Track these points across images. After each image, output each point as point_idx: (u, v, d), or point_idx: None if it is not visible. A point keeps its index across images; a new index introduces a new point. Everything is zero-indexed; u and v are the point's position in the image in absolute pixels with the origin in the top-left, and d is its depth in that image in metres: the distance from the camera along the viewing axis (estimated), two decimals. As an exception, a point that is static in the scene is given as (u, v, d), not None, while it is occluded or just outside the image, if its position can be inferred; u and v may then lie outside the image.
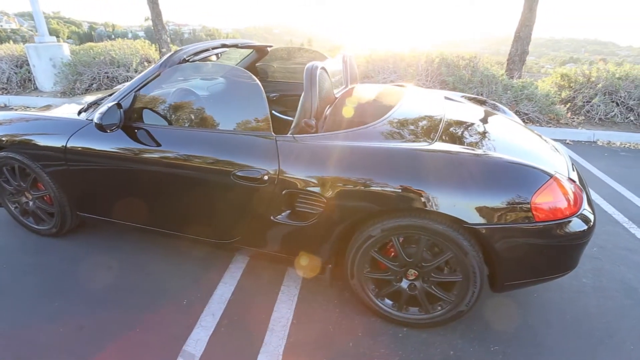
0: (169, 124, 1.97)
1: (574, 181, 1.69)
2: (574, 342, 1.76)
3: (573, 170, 1.86)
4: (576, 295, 2.06)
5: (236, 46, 2.65)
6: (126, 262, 2.24)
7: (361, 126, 1.77)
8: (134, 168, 1.94)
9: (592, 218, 1.62)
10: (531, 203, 1.47)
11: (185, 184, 1.88)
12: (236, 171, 1.74)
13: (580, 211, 1.56)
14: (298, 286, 2.08)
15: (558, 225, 1.50)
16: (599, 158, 4.34)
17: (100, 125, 1.82)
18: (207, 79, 2.42)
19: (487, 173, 1.54)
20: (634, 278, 2.20)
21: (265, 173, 1.70)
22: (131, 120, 1.97)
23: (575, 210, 1.55)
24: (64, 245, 2.40)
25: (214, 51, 2.36)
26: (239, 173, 1.74)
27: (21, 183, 2.36)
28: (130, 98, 1.96)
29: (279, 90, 3.05)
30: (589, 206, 1.67)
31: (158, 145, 1.89)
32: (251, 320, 1.85)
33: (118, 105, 1.88)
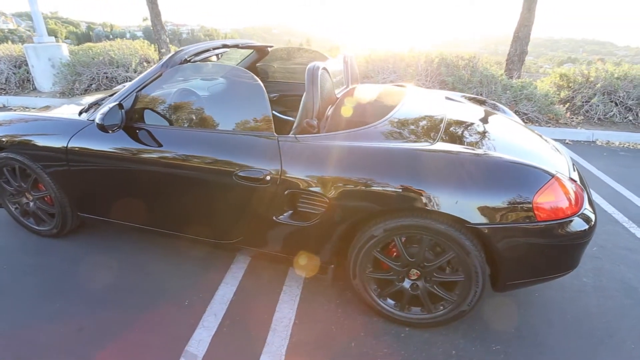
0: (170, 125, 1.97)
1: (575, 181, 1.70)
2: (575, 342, 1.76)
3: (574, 170, 1.87)
4: (577, 294, 2.07)
5: (237, 46, 2.65)
6: (127, 263, 2.24)
7: (363, 126, 1.77)
8: (136, 168, 1.94)
9: (593, 218, 1.62)
10: (533, 203, 1.48)
11: (187, 185, 1.88)
12: (238, 171, 1.74)
13: (581, 211, 1.57)
14: (300, 286, 2.08)
15: (559, 224, 1.51)
16: (598, 158, 4.36)
17: (101, 125, 1.82)
18: (209, 79, 2.42)
19: (489, 173, 1.54)
20: (634, 277, 2.21)
21: (267, 173, 1.70)
22: (132, 120, 1.97)
23: (576, 209, 1.55)
24: (65, 245, 2.39)
25: (215, 51, 2.36)
26: (241, 173, 1.74)
27: (22, 184, 2.35)
28: (131, 98, 1.96)
29: (279, 90, 3.05)
30: (590, 206, 1.67)
31: (159, 145, 1.89)
32: (253, 320, 1.85)
33: (119, 105, 1.88)
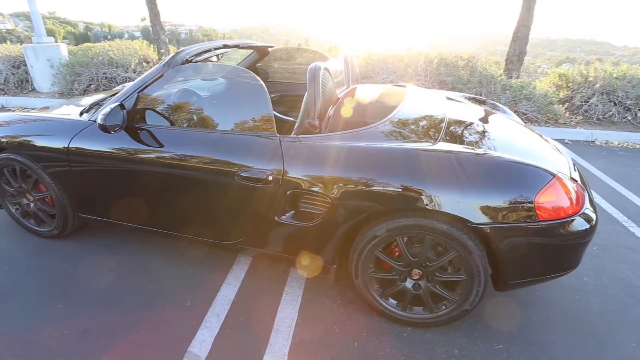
0: (172, 125, 1.97)
1: (576, 180, 1.70)
2: (576, 341, 1.77)
3: (575, 170, 1.88)
4: (578, 293, 2.08)
5: (238, 47, 2.65)
6: (128, 263, 2.24)
7: (364, 126, 1.77)
8: (138, 169, 1.94)
9: (594, 217, 1.63)
10: (534, 202, 1.48)
11: (188, 185, 1.88)
12: (240, 172, 1.74)
13: (582, 210, 1.58)
14: (302, 287, 2.08)
15: (561, 224, 1.52)
16: (598, 157, 4.37)
17: (103, 126, 1.82)
18: (210, 80, 2.42)
19: (491, 173, 1.54)
20: (635, 276, 2.22)
21: (269, 173, 1.70)
22: (134, 121, 1.96)
23: (577, 209, 1.56)
24: (66, 246, 2.39)
25: (217, 52, 2.36)
26: (243, 174, 1.74)
27: (22, 184, 2.35)
28: (133, 99, 1.95)
29: (279, 90, 3.05)
30: (591, 205, 1.68)
31: (161, 146, 1.89)
32: (256, 321, 1.85)
33: (121, 106, 1.88)
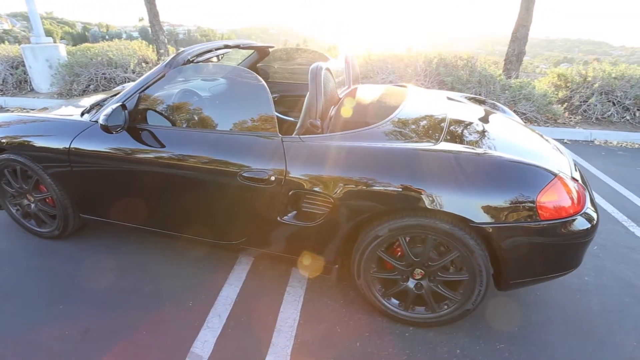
0: (173, 125, 1.97)
1: (577, 180, 1.71)
2: (577, 340, 1.78)
3: (576, 169, 1.88)
4: (578, 293, 2.08)
5: (238, 47, 2.65)
6: (129, 264, 2.24)
7: (366, 126, 1.77)
8: (140, 169, 1.94)
9: (595, 216, 1.64)
10: (536, 202, 1.49)
11: (191, 186, 1.87)
12: (243, 172, 1.74)
13: (584, 210, 1.58)
14: (303, 287, 2.08)
15: (562, 223, 1.52)
16: (597, 157, 4.39)
17: (105, 126, 1.81)
18: (211, 80, 2.42)
19: (492, 173, 1.55)
20: (635, 276, 2.23)
21: (271, 174, 1.70)
22: (136, 121, 1.96)
23: (579, 208, 1.57)
24: (67, 247, 2.38)
25: (217, 52, 2.36)
26: (246, 174, 1.74)
27: (23, 185, 2.34)
28: (134, 99, 1.95)
29: (280, 90, 3.05)
30: (592, 205, 1.69)
31: (163, 146, 1.89)
32: (258, 321, 1.85)
33: (123, 106, 1.88)
